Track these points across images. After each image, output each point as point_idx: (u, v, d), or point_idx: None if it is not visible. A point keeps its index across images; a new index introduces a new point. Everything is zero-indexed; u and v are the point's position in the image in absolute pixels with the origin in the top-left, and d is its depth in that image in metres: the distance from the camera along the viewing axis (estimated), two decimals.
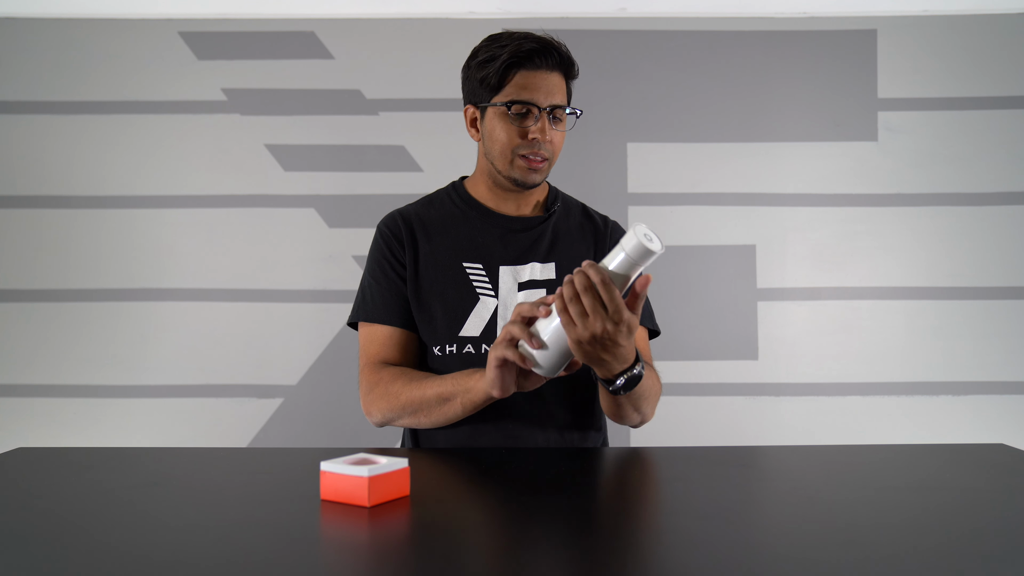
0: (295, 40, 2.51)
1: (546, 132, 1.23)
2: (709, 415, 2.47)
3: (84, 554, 0.70)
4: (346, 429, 2.46)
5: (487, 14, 2.49)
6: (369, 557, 0.71)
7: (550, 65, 1.24)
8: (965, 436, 2.43)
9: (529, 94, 1.23)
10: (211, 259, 2.50)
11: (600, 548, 0.71)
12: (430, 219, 1.34)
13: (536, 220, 1.34)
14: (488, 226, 1.32)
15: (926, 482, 0.94)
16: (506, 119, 1.24)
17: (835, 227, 2.52)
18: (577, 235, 1.36)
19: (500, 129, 1.25)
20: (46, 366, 2.49)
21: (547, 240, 1.33)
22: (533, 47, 1.23)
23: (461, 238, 1.31)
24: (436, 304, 1.27)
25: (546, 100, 1.23)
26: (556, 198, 1.38)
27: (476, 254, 1.30)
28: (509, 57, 1.23)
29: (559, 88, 1.25)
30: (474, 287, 1.28)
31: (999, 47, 2.49)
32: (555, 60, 1.24)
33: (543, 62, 1.23)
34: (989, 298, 2.49)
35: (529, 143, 1.24)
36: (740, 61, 2.52)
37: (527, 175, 1.26)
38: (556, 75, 1.25)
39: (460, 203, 1.36)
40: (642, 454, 1.13)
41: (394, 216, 1.36)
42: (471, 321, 1.25)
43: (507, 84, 1.24)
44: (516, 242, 1.31)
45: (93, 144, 2.51)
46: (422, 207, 1.37)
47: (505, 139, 1.25)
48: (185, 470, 1.02)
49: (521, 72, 1.23)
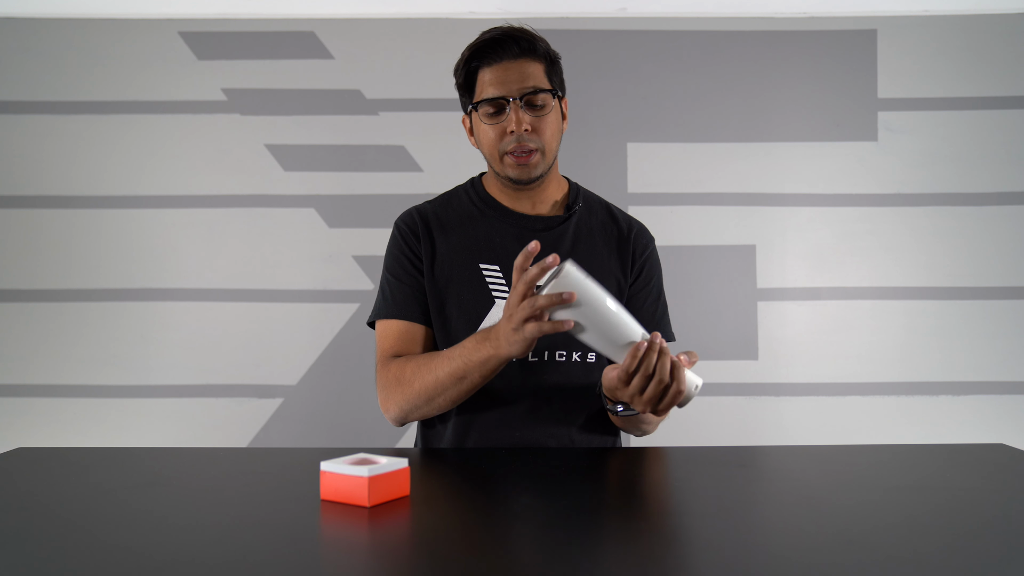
0: (295, 40, 2.51)
1: (522, 122, 1.19)
2: (709, 415, 2.47)
3: (84, 554, 0.70)
4: (346, 429, 2.46)
5: (487, 14, 2.49)
6: (369, 557, 0.71)
7: (512, 54, 1.20)
8: (965, 436, 2.43)
9: (495, 89, 1.19)
10: (211, 259, 2.50)
11: (600, 548, 0.71)
12: (447, 217, 1.31)
13: (556, 220, 1.30)
14: (506, 226, 1.29)
15: (926, 482, 0.94)
16: (485, 120, 1.22)
17: (835, 227, 2.52)
18: (599, 237, 1.31)
19: (483, 131, 1.23)
20: (46, 366, 2.49)
21: (568, 241, 1.29)
22: (488, 41, 1.20)
23: (478, 238, 1.28)
24: (452, 305, 1.25)
25: (514, 88, 1.19)
26: (577, 196, 1.34)
27: (493, 255, 1.27)
28: (469, 57, 1.21)
29: (530, 74, 1.20)
30: (490, 289, 1.25)
31: (999, 47, 2.49)
32: (516, 48, 1.20)
33: (504, 53, 1.20)
34: (989, 298, 2.49)
35: (510, 137, 1.20)
36: (740, 61, 2.52)
37: (519, 171, 1.23)
38: (524, 62, 1.20)
39: (478, 201, 1.32)
40: (642, 454, 1.13)
41: (411, 212, 1.33)
42: (485, 324, 1.23)
43: (476, 85, 1.22)
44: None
45: (93, 144, 2.51)
46: (439, 205, 1.34)
47: (489, 140, 1.23)
48: (185, 470, 1.02)
49: (484, 69, 1.21)
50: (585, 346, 1.18)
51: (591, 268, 1.27)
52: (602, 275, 1.27)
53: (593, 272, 1.26)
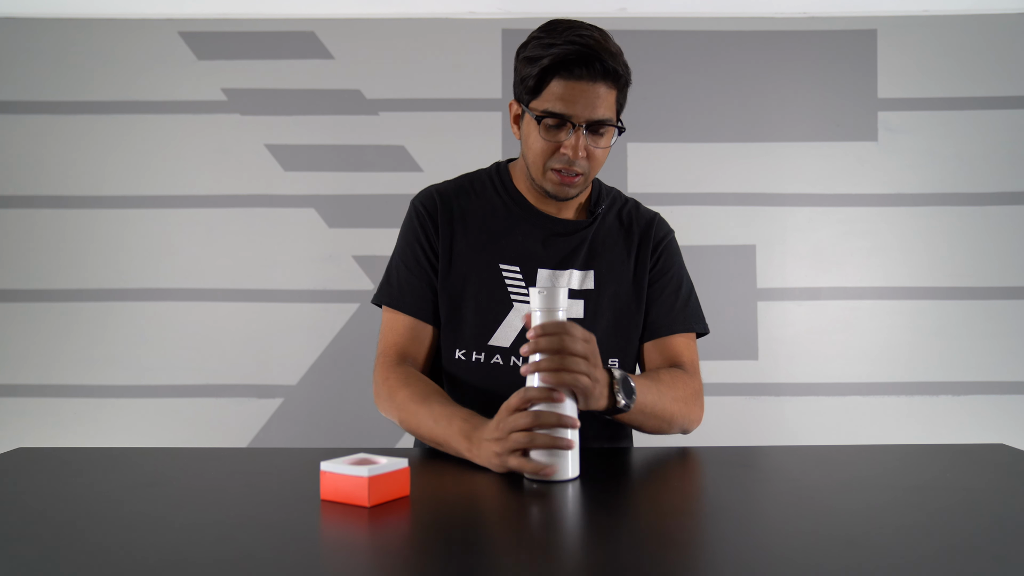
0: (295, 40, 2.51)
1: (579, 149, 1.13)
2: (709, 415, 2.42)
3: (83, 554, 0.70)
4: (346, 429, 2.46)
5: (487, 14, 2.49)
6: (369, 557, 0.71)
7: (593, 75, 1.10)
8: (965, 436, 2.43)
9: (565, 106, 1.11)
10: (211, 259, 2.50)
11: (600, 548, 0.71)
12: (469, 207, 1.25)
13: (581, 224, 1.25)
14: (531, 227, 1.24)
15: (926, 482, 0.94)
16: (542, 131, 1.14)
17: (835, 227, 2.51)
18: (618, 234, 1.28)
19: (534, 137, 1.16)
20: (46, 366, 2.49)
21: (587, 245, 1.25)
22: (576, 54, 1.09)
23: (501, 236, 1.23)
24: (468, 306, 1.21)
25: (584, 114, 1.11)
26: (600, 197, 1.29)
27: (515, 256, 1.22)
28: (549, 63, 1.10)
29: (603, 100, 1.12)
30: (509, 293, 1.21)
31: (999, 47, 2.49)
32: (599, 70, 1.10)
33: (585, 72, 1.10)
34: (989, 298, 2.49)
35: (561, 157, 1.14)
36: (740, 61, 2.52)
37: (559, 189, 1.17)
38: (600, 86, 1.11)
39: (504, 194, 1.27)
40: (642, 454, 1.13)
41: (431, 194, 1.26)
42: (502, 331, 1.20)
43: (544, 91, 1.12)
44: (557, 246, 1.23)
45: (93, 144, 2.51)
46: (461, 190, 1.28)
47: (538, 149, 1.15)
48: (185, 470, 1.02)
49: (559, 80, 1.11)
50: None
51: (609, 269, 1.24)
52: (619, 278, 1.25)
53: (610, 275, 1.24)
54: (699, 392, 1.23)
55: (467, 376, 1.21)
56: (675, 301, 1.28)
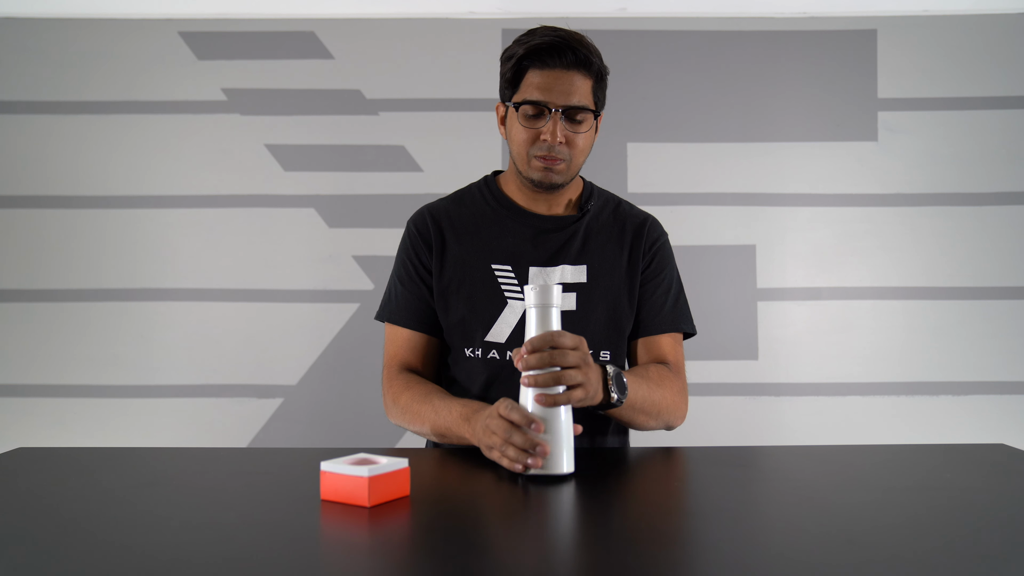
0: (295, 40, 2.51)
1: (557, 134, 1.19)
2: (709, 415, 2.47)
3: (84, 554, 0.70)
4: (346, 429, 2.46)
5: (487, 14, 2.49)
6: (369, 557, 0.71)
7: (566, 63, 1.18)
8: (965, 436, 2.43)
9: (541, 94, 1.18)
10: (211, 259, 2.50)
11: (600, 547, 0.71)
12: (460, 218, 1.31)
13: (569, 220, 1.30)
14: (519, 226, 1.29)
15: (926, 482, 0.94)
16: (522, 120, 1.21)
17: (835, 227, 2.52)
18: (610, 234, 1.32)
19: (517, 129, 1.22)
20: (46, 366, 2.49)
21: (578, 240, 1.29)
22: (548, 45, 1.18)
23: (491, 239, 1.29)
24: (463, 307, 1.26)
25: (559, 100, 1.18)
26: (590, 196, 1.34)
27: (505, 255, 1.27)
28: (524, 53, 1.19)
29: (578, 88, 1.19)
30: (502, 291, 1.26)
31: (999, 47, 2.49)
32: (571, 58, 1.18)
33: (558, 60, 1.18)
34: (988, 298, 2.49)
35: (542, 144, 1.20)
36: (740, 61, 2.52)
37: (544, 175, 1.23)
38: (575, 74, 1.19)
39: (492, 201, 1.32)
40: (642, 454, 1.13)
41: (423, 215, 1.33)
42: (497, 327, 1.25)
43: (522, 82, 1.21)
44: (546, 243, 1.28)
45: (93, 144, 2.51)
46: (452, 204, 1.34)
47: (520, 139, 1.22)
48: (185, 470, 1.02)
49: (535, 71, 1.19)
50: (590, 347, 1.18)
51: (602, 263, 1.28)
52: (611, 272, 1.28)
53: (602, 269, 1.28)
54: (684, 389, 1.28)
55: (471, 371, 1.26)
56: (665, 302, 1.32)
